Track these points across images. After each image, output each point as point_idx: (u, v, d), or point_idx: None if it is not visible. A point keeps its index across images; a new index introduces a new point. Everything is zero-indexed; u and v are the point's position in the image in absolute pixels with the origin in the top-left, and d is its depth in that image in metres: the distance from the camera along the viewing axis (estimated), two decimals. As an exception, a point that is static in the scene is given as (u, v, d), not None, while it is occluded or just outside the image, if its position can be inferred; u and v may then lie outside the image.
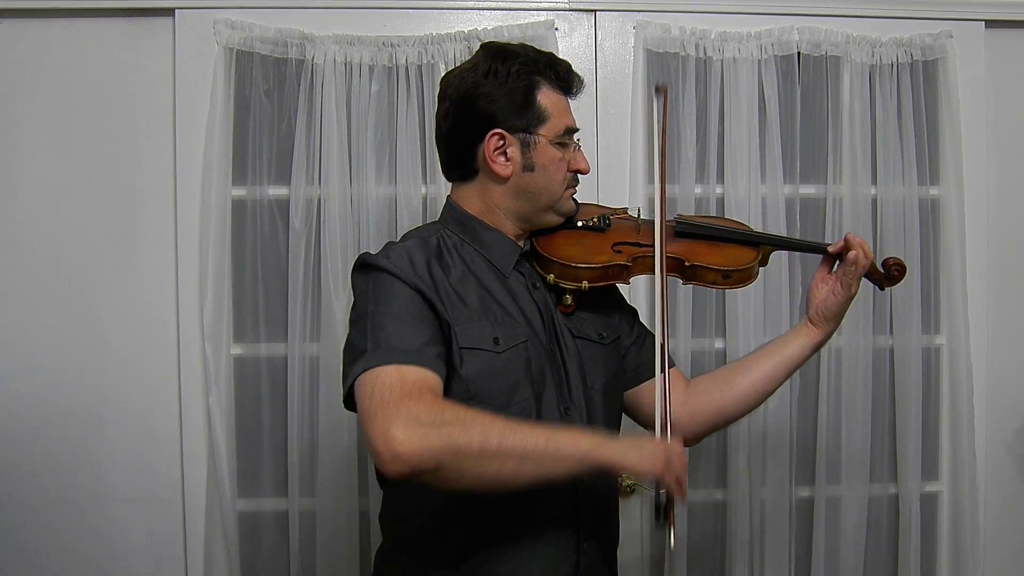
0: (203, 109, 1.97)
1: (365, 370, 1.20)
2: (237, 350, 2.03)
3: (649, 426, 1.54)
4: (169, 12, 1.99)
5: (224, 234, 2.00)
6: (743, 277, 1.45)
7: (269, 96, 2.00)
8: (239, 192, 2.02)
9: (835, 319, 1.46)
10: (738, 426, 2.04)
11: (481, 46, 1.40)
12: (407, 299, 1.25)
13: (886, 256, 1.51)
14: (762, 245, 1.50)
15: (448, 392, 1.25)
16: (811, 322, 1.47)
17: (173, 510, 2.03)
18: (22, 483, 2.01)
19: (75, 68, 2.01)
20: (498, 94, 1.32)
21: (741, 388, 1.48)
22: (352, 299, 1.33)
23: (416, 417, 1.12)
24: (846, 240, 1.44)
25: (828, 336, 1.48)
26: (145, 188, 2.02)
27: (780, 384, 1.49)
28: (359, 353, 1.23)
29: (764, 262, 1.51)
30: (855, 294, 1.45)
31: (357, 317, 1.28)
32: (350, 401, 1.24)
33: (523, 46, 1.39)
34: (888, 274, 1.51)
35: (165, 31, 2.00)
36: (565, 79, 1.38)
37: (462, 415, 1.15)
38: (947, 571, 2.16)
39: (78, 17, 2.00)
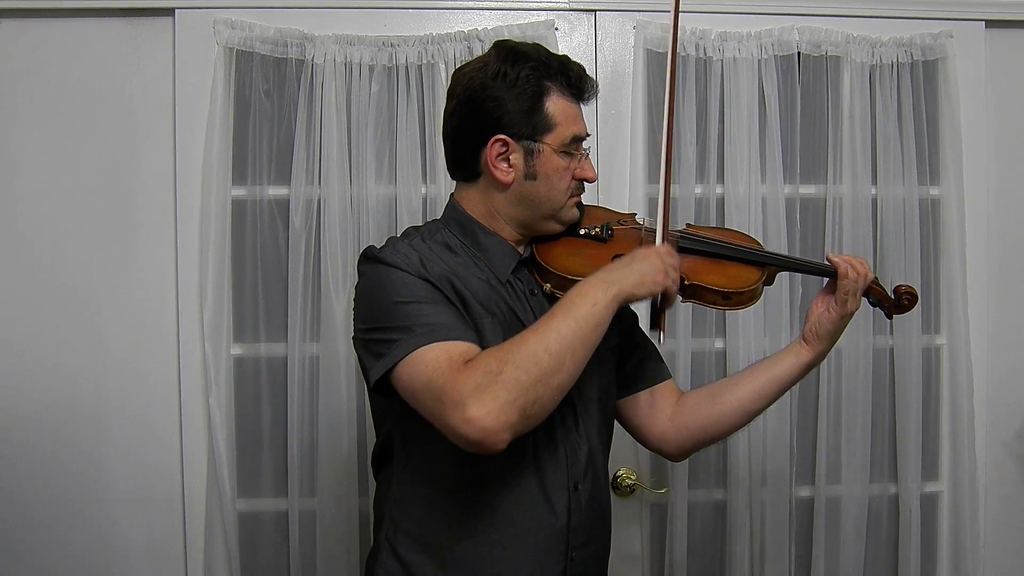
0: (203, 109, 1.97)
1: (407, 354, 1.18)
2: (237, 350, 2.03)
3: (639, 435, 1.54)
4: (169, 12, 1.99)
5: (224, 234, 2.00)
6: (744, 299, 1.40)
7: (269, 96, 2.00)
8: (239, 192, 2.02)
9: (828, 338, 1.42)
10: (738, 426, 2.04)
11: (494, 44, 1.36)
12: (425, 287, 1.25)
13: (897, 284, 1.46)
14: (768, 266, 1.44)
15: None
16: (804, 340, 1.44)
17: (173, 510, 2.03)
18: (22, 483, 2.01)
19: (75, 68, 2.01)
20: (506, 98, 1.29)
21: (727, 406, 1.45)
22: (353, 293, 1.32)
23: (476, 386, 1.12)
24: (829, 261, 1.43)
25: (819, 357, 1.44)
26: (145, 188, 2.02)
27: (768, 403, 1.46)
28: (392, 339, 1.21)
29: (770, 282, 1.47)
30: (851, 313, 1.41)
31: (374, 311, 1.26)
32: (380, 386, 1.23)
33: (536, 47, 1.35)
34: (899, 302, 1.46)
35: (165, 31, 2.00)
36: (577, 85, 1.34)
37: (503, 355, 1.15)
38: (947, 571, 2.16)
39: (78, 17, 2.00)
